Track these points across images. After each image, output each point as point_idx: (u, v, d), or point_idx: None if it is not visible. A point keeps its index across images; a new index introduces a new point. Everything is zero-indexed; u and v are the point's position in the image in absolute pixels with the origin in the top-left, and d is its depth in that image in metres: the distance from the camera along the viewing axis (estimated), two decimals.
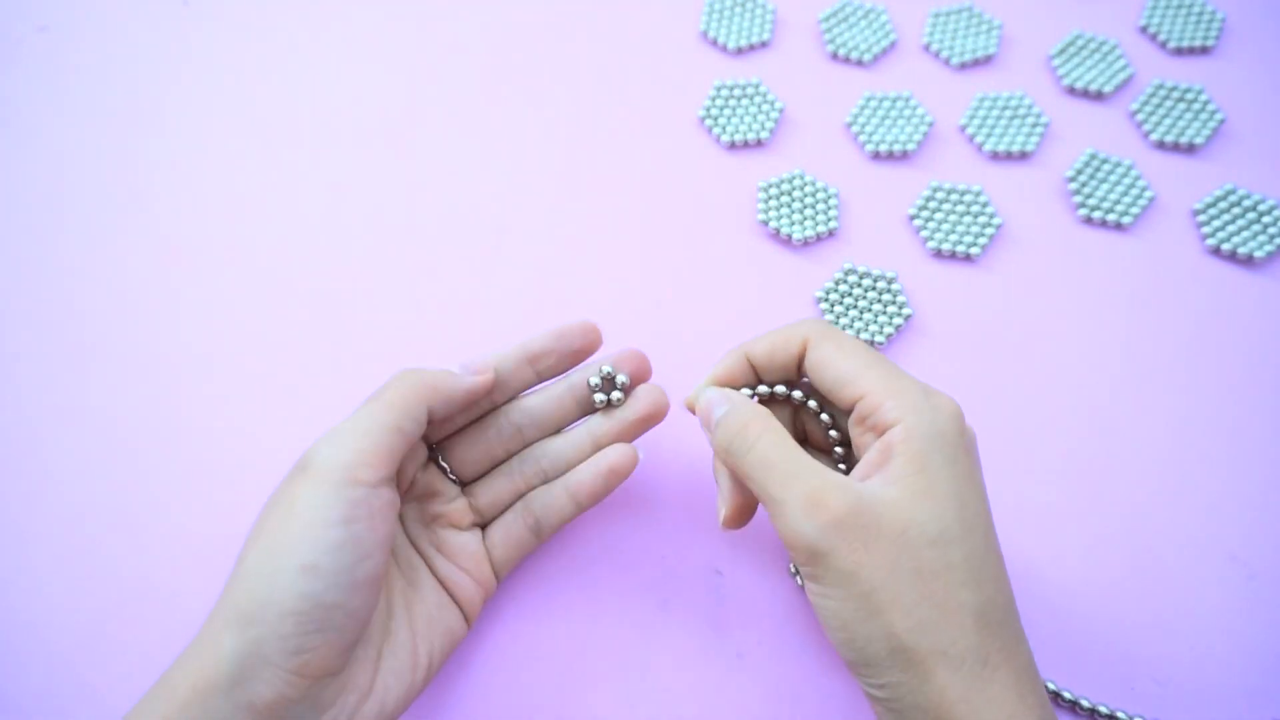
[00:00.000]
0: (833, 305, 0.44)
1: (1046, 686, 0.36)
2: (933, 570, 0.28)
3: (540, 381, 0.37)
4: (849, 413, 0.32)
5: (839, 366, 0.32)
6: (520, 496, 0.37)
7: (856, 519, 0.28)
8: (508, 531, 0.36)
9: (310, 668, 0.27)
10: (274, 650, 0.27)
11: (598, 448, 0.37)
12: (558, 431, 0.38)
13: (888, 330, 0.44)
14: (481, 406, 0.37)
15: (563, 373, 0.37)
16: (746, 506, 0.34)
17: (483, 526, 0.37)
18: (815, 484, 0.29)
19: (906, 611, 0.28)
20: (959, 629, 0.28)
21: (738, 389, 0.35)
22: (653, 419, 0.37)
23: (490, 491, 0.37)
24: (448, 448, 0.37)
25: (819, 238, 0.47)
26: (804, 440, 0.36)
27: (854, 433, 0.32)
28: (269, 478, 0.40)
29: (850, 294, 0.45)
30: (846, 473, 0.34)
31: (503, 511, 0.37)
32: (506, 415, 0.37)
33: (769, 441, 0.31)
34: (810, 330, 0.33)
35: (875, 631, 0.28)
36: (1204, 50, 0.53)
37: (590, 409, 0.37)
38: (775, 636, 0.37)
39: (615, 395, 0.37)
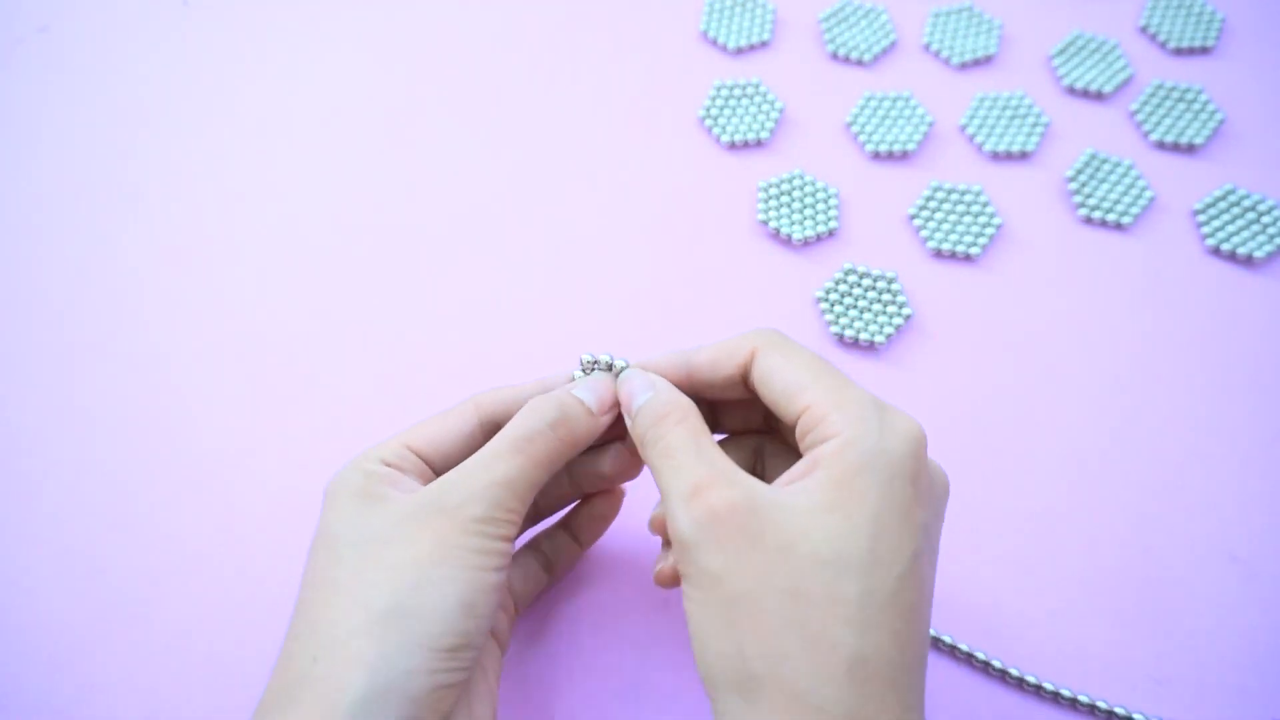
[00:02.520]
0: (833, 305, 0.44)
1: (1043, 686, 0.36)
2: (813, 597, 0.24)
3: None
4: (792, 427, 0.28)
5: (785, 377, 0.28)
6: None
7: (737, 517, 0.25)
8: (525, 572, 0.35)
9: (439, 705, 0.26)
10: (416, 685, 0.25)
11: (573, 481, 0.34)
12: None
13: (888, 330, 0.44)
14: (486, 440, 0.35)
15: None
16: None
17: None
18: (703, 474, 0.26)
19: (765, 634, 0.24)
20: (824, 674, 0.23)
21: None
22: (621, 478, 0.34)
23: None
24: None
25: (819, 238, 0.47)
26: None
27: (800, 448, 0.28)
28: (269, 478, 0.40)
29: (850, 294, 0.45)
30: None
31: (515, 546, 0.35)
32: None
33: (679, 432, 0.28)
34: (759, 339, 0.30)
35: (726, 647, 0.24)
36: (1204, 50, 0.53)
37: None
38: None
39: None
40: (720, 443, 0.33)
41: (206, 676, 0.36)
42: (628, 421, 0.31)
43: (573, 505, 0.36)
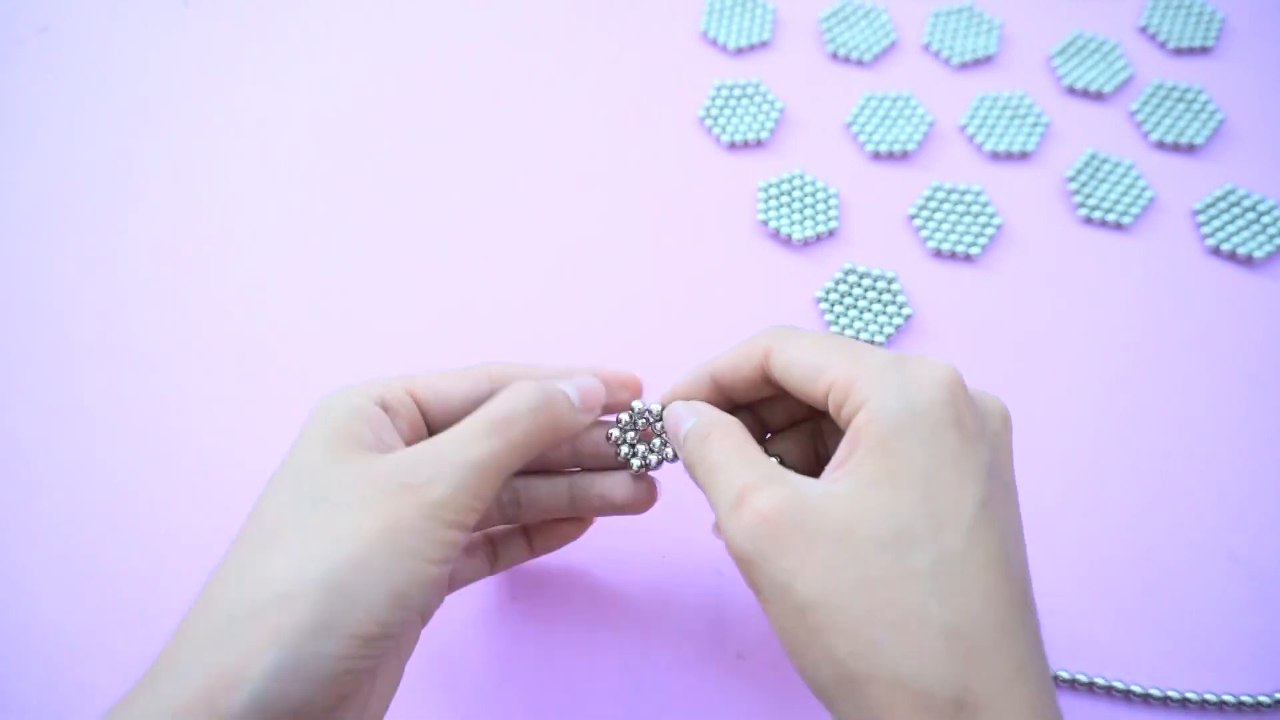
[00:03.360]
0: (833, 305, 0.44)
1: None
2: (885, 579, 0.23)
3: None
4: (825, 411, 0.28)
5: (803, 362, 0.28)
6: (489, 517, 0.34)
7: (788, 517, 0.24)
8: (468, 560, 0.34)
9: (347, 688, 0.25)
10: (328, 669, 0.23)
11: (571, 502, 0.33)
12: (542, 473, 0.34)
13: (888, 330, 0.44)
14: None
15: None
16: None
17: None
18: (747, 479, 0.25)
19: (850, 631, 0.23)
20: (923, 654, 0.22)
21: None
22: (635, 507, 0.33)
23: None
24: None
25: (819, 238, 0.47)
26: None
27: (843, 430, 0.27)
28: (267, 479, 0.40)
29: (850, 294, 0.45)
30: None
31: (476, 528, 0.33)
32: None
33: (721, 447, 0.27)
34: (770, 337, 0.30)
35: (817, 654, 0.23)
36: (1204, 50, 0.53)
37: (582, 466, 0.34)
38: (775, 637, 0.37)
39: (648, 454, 0.33)
40: (777, 437, 0.33)
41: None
42: (679, 451, 0.30)
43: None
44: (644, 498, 0.33)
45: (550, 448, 0.30)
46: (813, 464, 0.32)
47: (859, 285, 0.45)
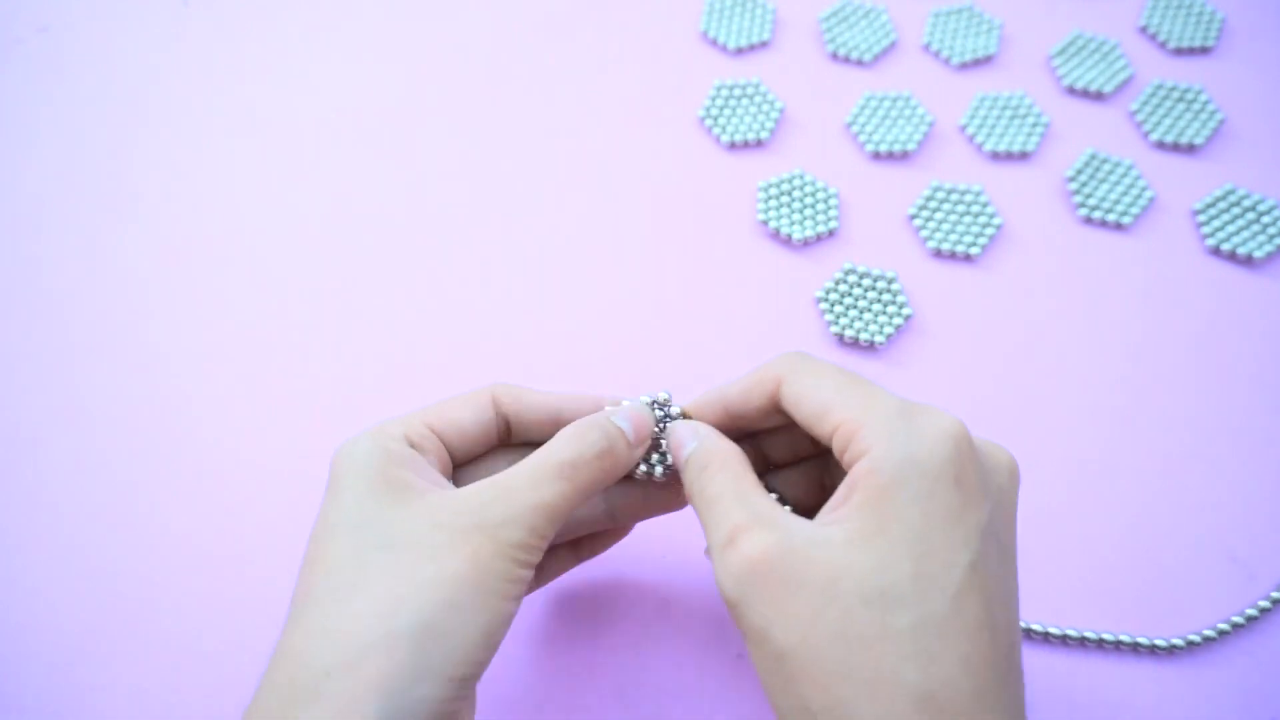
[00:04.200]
0: (832, 305, 0.44)
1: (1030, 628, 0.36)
2: (865, 636, 0.22)
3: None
4: (835, 456, 0.27)
5: (812, 399, 0.27)
6: None
7: (774, 565, 0.24)
8: None
9: None
10: (425, 715, 0.24)
11: (610, 514, 0.33)
12: None
13: (888, 330, 0.44)
14: (501, 439, 0.33)
15: None
16: None
17: None
18: (738, 519, 0.25)
19: (823, 685, 0.22)
20: (894, 718, 0.22)
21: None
22: (673, 505, 0.33)
23: None
24: (460, 474, 0.32)
25: (819, 238, 0.47)
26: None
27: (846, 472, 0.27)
28: (270, 477, 0.40)
29: (850, 294, 0.45)
30: None
31: None
32: (521, 454, 0.32)
33: (720, 479, 0.27)
34: (784, 365, 0.29)
35: (790, 702, 0.23)
36: (1204, 50, 0.53)
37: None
38: None
39: (656, 464, 0.32)
40: (783, 474, 0.32)
41: (207, 677, 0.36)
42: (681, 473, 0.30)
43: None
44: (674, 498, 0.33)
45: (608, 486, 0.30)
46: (817, 499, 0.31)
47: (859, 285, 0.45)
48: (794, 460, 0.32)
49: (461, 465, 0.32)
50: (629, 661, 0.37)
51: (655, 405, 0.32)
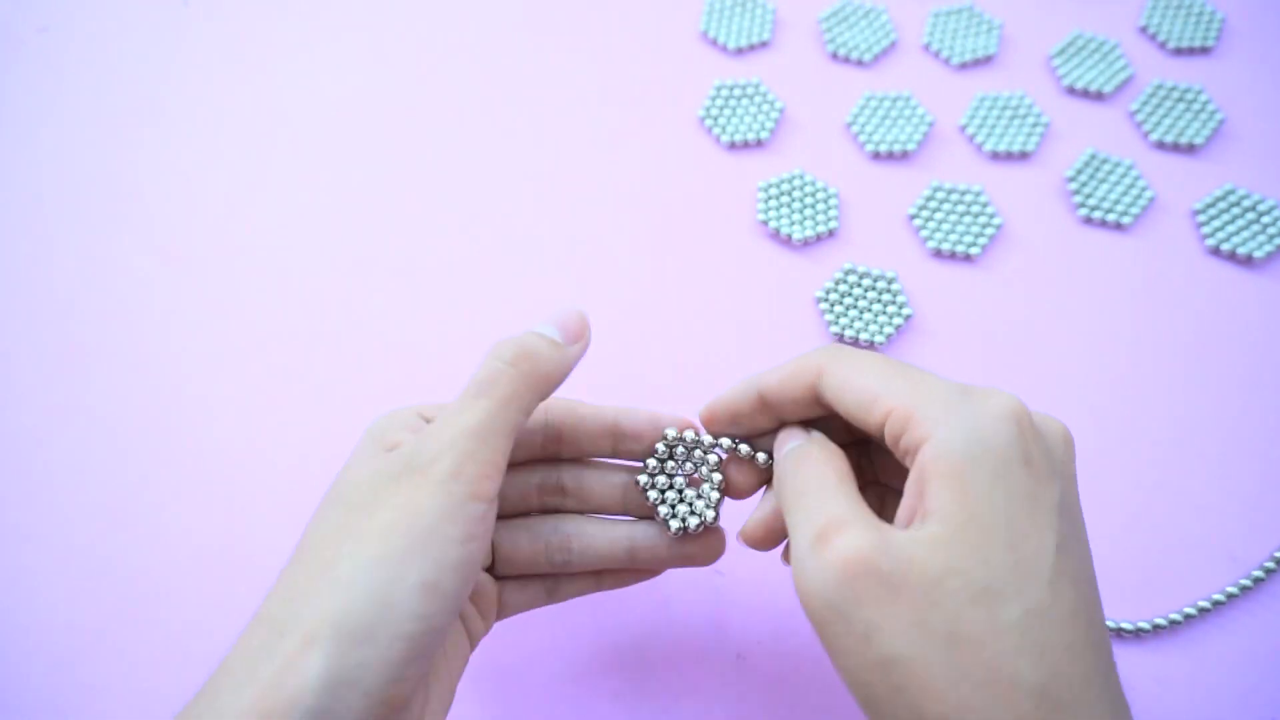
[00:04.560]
0: (832, 305, 0.44)
1: None
2: (976, 636, 0.22)
3: (614, 458, 0.33)
4: (881, 439, 0.26)
5: (857, 386, 0.26)
6: (537, 562, 0.32)
7: (874, 564, 0.22)
8: (524, 589, 0.32)
9: (398, 698, 0.24)
10: (376, 677, 0.23)
11: (632, 555, 0.31)
12: (597, 513, 0.33)
13: (888, 330, 0.44)
14: (545, 451, 0.32)
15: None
16: (772, 527, 0.30)
17: (492, 568, 0.32)
18: (830, 514, 0.24)
19: (939, 691, 0.21)
20: (1014, 717, 0.21)
21: (739, 430, 0.30)
22: (698, 561, 0.32)
23: (512, 541, 0.31)
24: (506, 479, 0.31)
25: (819, 238, 0.47)
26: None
27: (900, 459, 0.26)
28: (269, 478, 0.40)
29: (850, 294, 0.45)
30: None
31: (520, 571, 0.32)
32: (558, 470, 0.32)
33: (817, 472, 0.26)
34: (823, 356, 0.28)
35: (902, 713, 0.22)
36: (1204, 50, 0.53)
37: (637, 509, 0.32)
38: (775, 636, 0.37)
39: (687, 516, 0.30)
40: None
41: (208, 677, 0.36)
42: (776, 465, 0.29)
43: None
44: (703, 551, 0.31)
45: (546, 391, 0.29)
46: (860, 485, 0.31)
47: (859, 285, 0.45)
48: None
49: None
50: (629, 661, 0.37)
51: (680, 443, 0.30)
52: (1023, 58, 0.53)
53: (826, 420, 0.30)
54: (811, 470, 0.26)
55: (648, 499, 0.31)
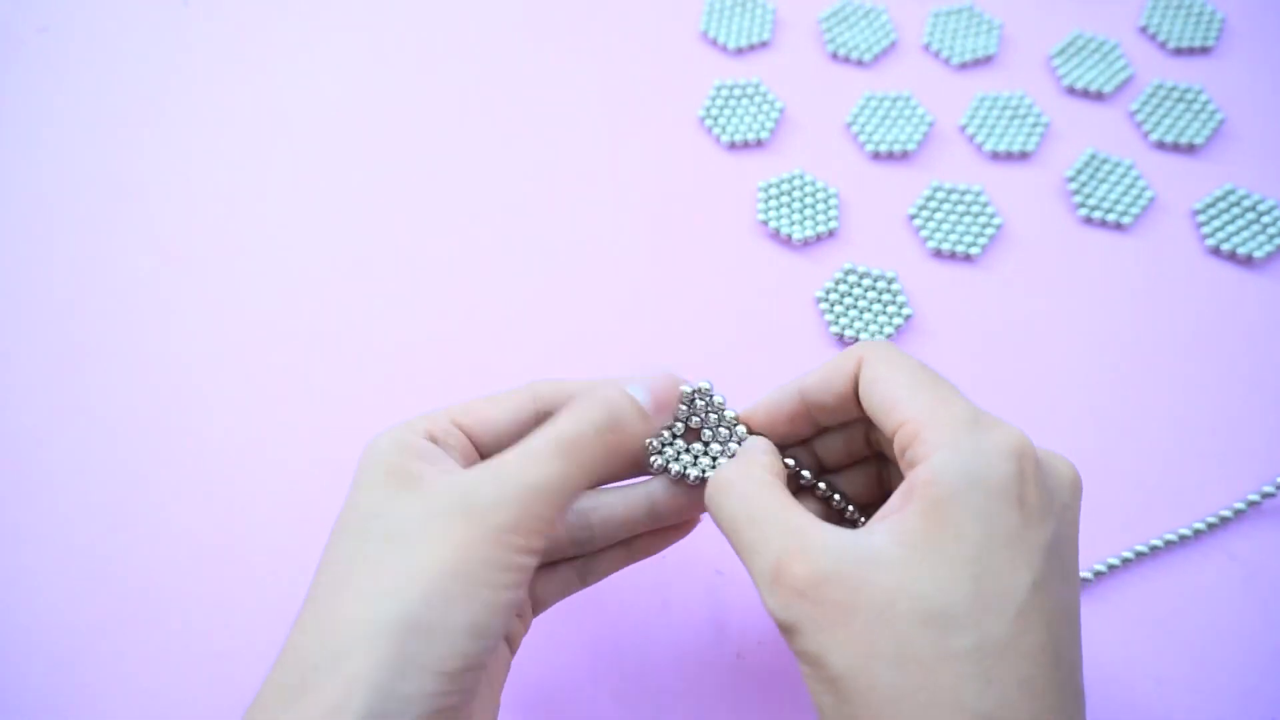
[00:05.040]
0: (832, 305, 0.44)
1: None
2: (922, 659, 0.22)
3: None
4: (896, 450, 0.26)
5: (884, 389, 0.26)
6: (560, 546, 0.31)
7: (827, 587, 0.23)
8: (554, 577, 0.32)
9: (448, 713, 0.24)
10: (413, 712, 0.23)
11: (653, 517, 0.31)
12: (619, 527, 0.32)
13: (888, 330, 0.44)
14: None
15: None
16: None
17: None
18: (784, 546, 0.24)
19: (878, 710, 0.22)
20: None
21: (779, 434, 0.30)
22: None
23: None
24: None
25: (819, 238, 0.47)
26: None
27: (904, 473, 0.26)
28: (269, 478, 0.40)
29: (850, 294, 0.45)
30: None
31: (546, 559, 0.32)
32: (582, 497, 0.31)
33: (748, 493, 0.26)
34: (866, 349, 0.28)
35: None
36: (1204, 50, 0.53)
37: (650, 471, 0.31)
38: (775, 636, 0.37)
39: (688, 465, 0.30)
40: (837, 472, 0.31)
41: (209, 676, 0.36)
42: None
43: None
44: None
45: (621, 468, 0.29)
46: (874, 498, 0.31)
47: (859, 285, 0.45)
48: (849, 463, 0.31)
49: None
50: (629, 661, 0.37)
51: (697, 394, 0.30)
52: (1023, 58, 0.53)
53: (838, 433, 0.30)
54: (740, 502, 0.26)
55: (650, 454, 0.30)
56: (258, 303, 0.45)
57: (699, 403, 0.30)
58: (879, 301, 0.44)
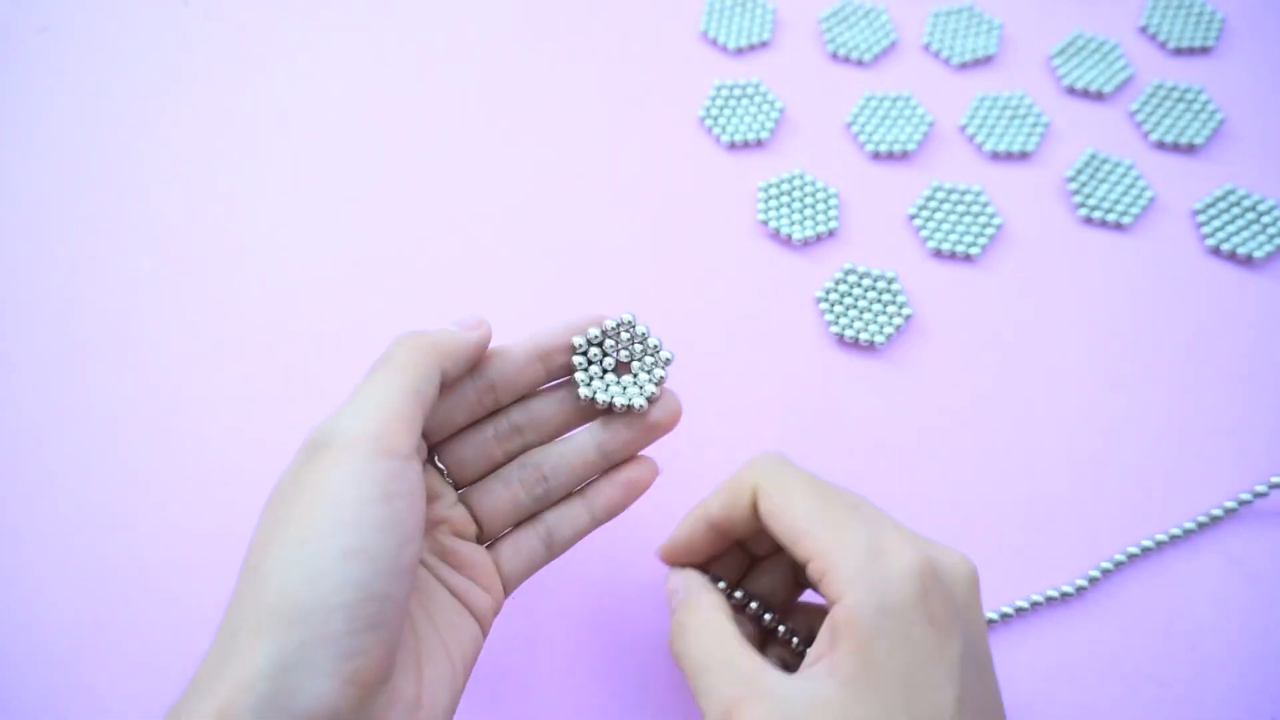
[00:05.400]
0: (832, 305, 0.44)
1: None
2: None
3: (551, 380, 0.33)
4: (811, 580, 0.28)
5: (786, 520, 0.28)
6: (519, 503, 0.32)
7: None
8: (518, 546, 0.32)
9: (363, 673, 0.23)
10: (323, 655, 0.22)
11: (604, 455, 0.32)
12: (559, 436, 0.33)
13: (888, 330, 0.44)
14: (485, 405, 0.32)
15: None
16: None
17: (481, 535, 0.32)
18: (731, 696, 0.26)
19: None
20: None
21: (701, 558, 0.33)
22: (662, 428, 0.32)
23: (489, 498, 0.32)
24: (444, 449, 0.32)
25: (819, 238, 0.47)
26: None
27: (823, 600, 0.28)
28: (269, 478, 0.40)
29: (850, 294, 0.45)
30: None
31: (507, 523, 0.32)
32: (507, 416, 0.32)
33: (702, 640, 0.28)
34: (757, 475, 0.30)
35: None
36: (1204, 50, 0.53)
37: (594, 415, 0.33)
38: None
39: (634, 396, 0.32)
40: (766, 561, 0.33)
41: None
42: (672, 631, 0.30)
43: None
44: (668, 413, 0.32)
45: (448, 362, 0.30)
46: (793, 589, 0.33)
47: (859, 285, 0.45)
48: (776, 550, 0.33)
49: (445, 440, 0.32)
50: (629, 661, 0.37)
51: (621, 327, 0.32)
52: (1023, 58, 0.53)
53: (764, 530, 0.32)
54: (698, 639, 0.28)
55: (588, 389, 0.32)
56: (258, 303, 0.45)
57: (624, 335, 0.32)
58: (879, 301, 0.44)
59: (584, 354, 0.32)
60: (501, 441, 0.33)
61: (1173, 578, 0.39)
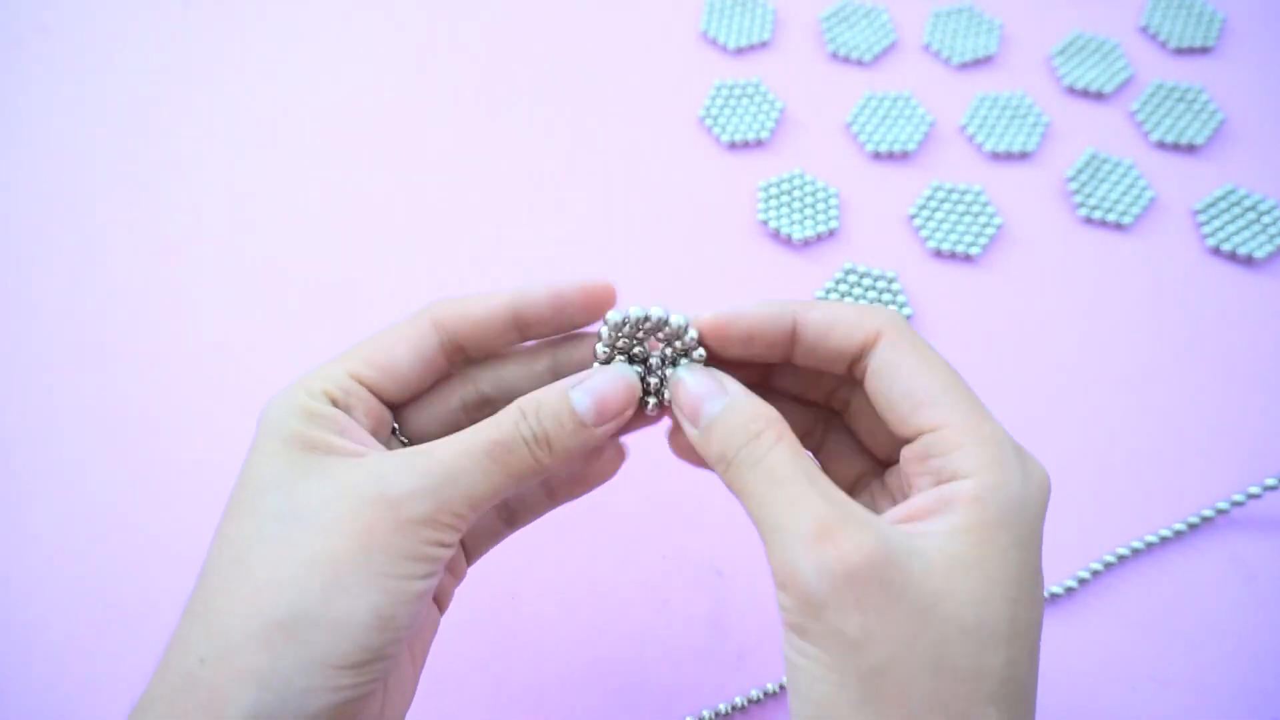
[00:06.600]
0: None
1: None
2: (959, 670, 0.21)
3: (524, 341, 0.29)
4: (902, 440, 0.25)
5: (913, 382, 0.24)
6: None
7: (876, 570, 0.21)
8: (481, 525, 0.30)
9: (346, 717, 0.23)
10: (314, 706, 0.22)
11: (548, 485, 0.29)
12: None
13: None
14: (454, 363, 0.28)
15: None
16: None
17: None
18: (829, 512, 0.22)
19: (911, 711, 0.21)
20: None
21: (743, 351, 0.26)
22: (605, 477, 0.29)
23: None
24: (407, 417, 0.29)
25: (819, 238, 0.47)
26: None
27: (904, 468, 0.25)
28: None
29: (850, 294, 0.45)
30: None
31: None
32: (474, 380, 0.29)
33: (783, 455, 0.23)
34: (887, 323, 0.25)
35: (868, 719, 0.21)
36: (1204, 50, 0.53)
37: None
38: (775, 636, 0.37)
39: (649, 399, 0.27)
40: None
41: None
42: (688, 431, 0.26)
43: None
44: (609, 471, 0.29)
45: (554, 474, 0.27)
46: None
47: (859, 285, 0.45)
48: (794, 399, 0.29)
49: (406, 406, 0.28)
50: (629, 661, 0.37)
51: (644, 321, 0.27)
52: (1023, 58, 0.53)
53: (788, 371, 0.28)
54: (775, 451, 0.23)
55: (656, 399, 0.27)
56: (258, 302, 0.45)
57: (629, 339, 0.27)
58: (879, 301, 0.44)
59: (616, 338, 0.27)
60: (470, 413, 0.29)
61: (1172, 577, 0.39)
